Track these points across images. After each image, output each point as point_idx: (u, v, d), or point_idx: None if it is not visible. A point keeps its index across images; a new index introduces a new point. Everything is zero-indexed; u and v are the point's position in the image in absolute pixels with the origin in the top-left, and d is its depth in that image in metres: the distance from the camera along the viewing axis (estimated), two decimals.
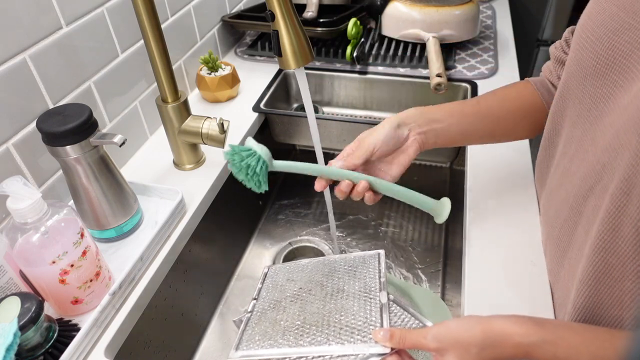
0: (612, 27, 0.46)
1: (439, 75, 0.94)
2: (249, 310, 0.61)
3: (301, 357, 0.51)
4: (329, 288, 0.59)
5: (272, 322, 0.57)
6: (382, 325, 0.51)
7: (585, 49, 0.50)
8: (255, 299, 0.63)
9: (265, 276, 0.67)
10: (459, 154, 0.99)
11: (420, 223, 1.05)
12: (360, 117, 1.14)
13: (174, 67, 0.77)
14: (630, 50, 0.43)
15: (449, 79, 1.01)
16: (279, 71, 1.10)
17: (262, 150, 0.51)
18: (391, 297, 0.55)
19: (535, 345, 0.42)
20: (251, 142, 0.51)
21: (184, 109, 0.77)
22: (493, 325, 0.43)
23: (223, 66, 1.00)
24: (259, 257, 1.00)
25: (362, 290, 0.57)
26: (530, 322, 0.43)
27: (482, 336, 0.43)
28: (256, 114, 0.96)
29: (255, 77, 1.08)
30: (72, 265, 0.55)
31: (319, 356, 0.50)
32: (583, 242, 0.48)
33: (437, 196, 0.61)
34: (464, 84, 1.02)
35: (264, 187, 0.52)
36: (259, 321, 0.58)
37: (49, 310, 0.59)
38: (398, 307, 0.55)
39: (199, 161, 0.84)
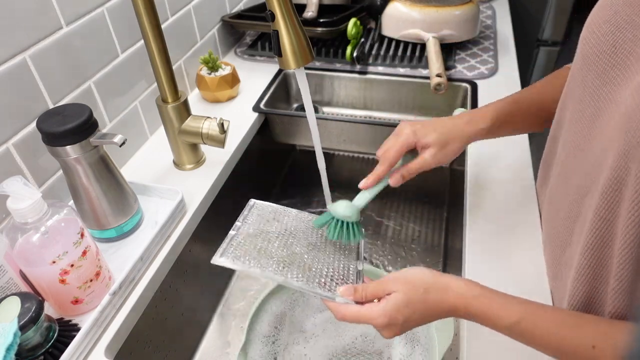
0: (617, 23, 0.44)
1: (438, 75, 0.94)
2: (232, 230, 0.59)
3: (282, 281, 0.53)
4: (313, 239, 0.61)
5: (256, 247, 0.57)
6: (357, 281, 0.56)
7: (590, 44, 0.49)
8: (239, 221, 0.61)
9: (251, 208, 0.65)
10: None
11: (421, 223, 1.05)
12: (360, 117, 1.14)
13: (174, 67, 0.77)
14: (632, 48, 0.42)
15: (449, 79, 1.01)
16: (279, 71, 1.10)
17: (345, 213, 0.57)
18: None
19: (473, 298, 0.46)
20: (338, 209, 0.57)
21: (184, 109, 0.77)
22: (444, 276, 0.49)
23: (223, 66, 1.00)
24: None
25: (341, 254, 0.60)
26: (474, 283, 0.48)
27: (432, 280, 0.48)
28: (256, 114, 0.97)
29: (255, 77, 1.08)
30: (72, 265, 0.55)
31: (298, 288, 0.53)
32: (578, 240, 0.48)
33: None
34: (463, 84, 1.02)
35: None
36: (243, 241, 0.57)
37: (49, 310, 0.59)
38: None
39: (199, 161, 0.84)
